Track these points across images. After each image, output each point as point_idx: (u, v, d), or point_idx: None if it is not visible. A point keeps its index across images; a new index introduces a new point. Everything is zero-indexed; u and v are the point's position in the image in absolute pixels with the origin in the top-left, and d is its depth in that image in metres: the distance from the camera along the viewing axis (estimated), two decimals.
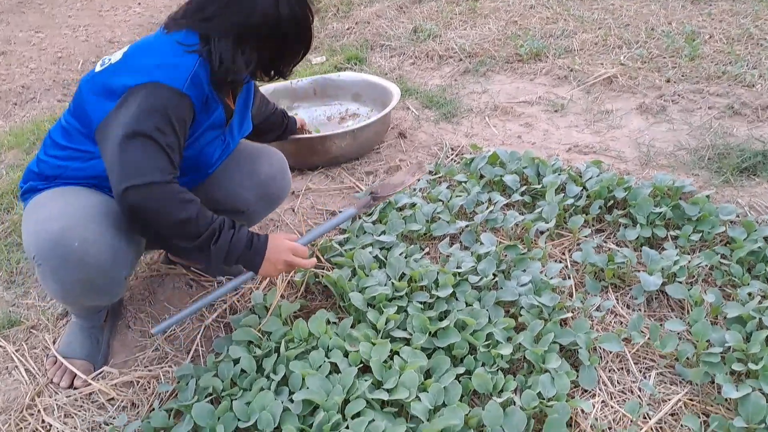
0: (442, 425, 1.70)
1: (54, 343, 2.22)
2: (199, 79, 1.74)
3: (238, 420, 1.80)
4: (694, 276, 2.34)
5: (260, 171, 2.19)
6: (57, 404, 2.00)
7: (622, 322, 2.22)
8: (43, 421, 1.95)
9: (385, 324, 2.08)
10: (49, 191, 1.83)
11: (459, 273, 2.31)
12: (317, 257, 2.48)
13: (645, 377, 2.01)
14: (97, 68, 1.83)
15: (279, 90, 3.58)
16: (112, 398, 2.01)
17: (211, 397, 1.91)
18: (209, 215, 1.72)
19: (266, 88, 3.54)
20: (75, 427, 1.93)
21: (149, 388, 2.05)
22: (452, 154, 3.26)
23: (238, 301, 2.37)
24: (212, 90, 1.82)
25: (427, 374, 1.96)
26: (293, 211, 2.89)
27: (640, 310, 2.26)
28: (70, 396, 2.02)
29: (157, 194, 1.61)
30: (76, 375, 2.06)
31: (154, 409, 1.95)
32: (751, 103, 3.42)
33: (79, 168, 1.84)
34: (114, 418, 1.96)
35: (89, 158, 1.83)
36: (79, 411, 1.98)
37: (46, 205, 1.77)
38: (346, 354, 1.99)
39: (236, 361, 2.00)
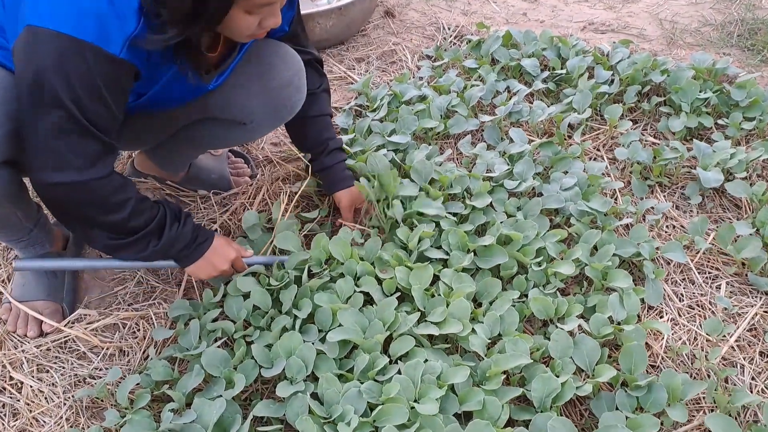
0: (509, 365, 1.43)
1: (6, 283, 1.81)
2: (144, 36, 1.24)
3: (260, 367, 1.48)
4: (749, 171, 2.07)
5: (274, 75, 1.66)
6: (26, 357, 1.62)
7: (674, 226, 1.96)
8: (11, 379, 1.58)
9: (418, 243, 1.75)
10: None
11: (492, 178, 1.99)
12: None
13: (712, 288, 1.78)
14: None
15: None
16: (95, 346, 1.65)
17: (220, 341, 1.58)
18: (146, 213, 1.43)
19: None
20: (53, 384, 1.57)
21: (139, 331, 1.69)
22: (451, 36, 2.85)
23: (230, 219, 1.99)
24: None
25: (474, 299, 1.68)
26: None
27: (692, 211, 2.01)
28: (40, 346, 1.65)
29: (79, 193, 1.30)
30: (43, 321, 1.68)
31: (149, 357, 1.60)
32: None
33: None
34: (100, 370, 1.61)
35: None
36: (55, 363, 1.62)
37: None
38: (379, 281, 1.67)
39: (246, 296, 1.66)
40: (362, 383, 1.39)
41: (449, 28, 2.90)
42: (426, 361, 1.45)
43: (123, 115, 1.35)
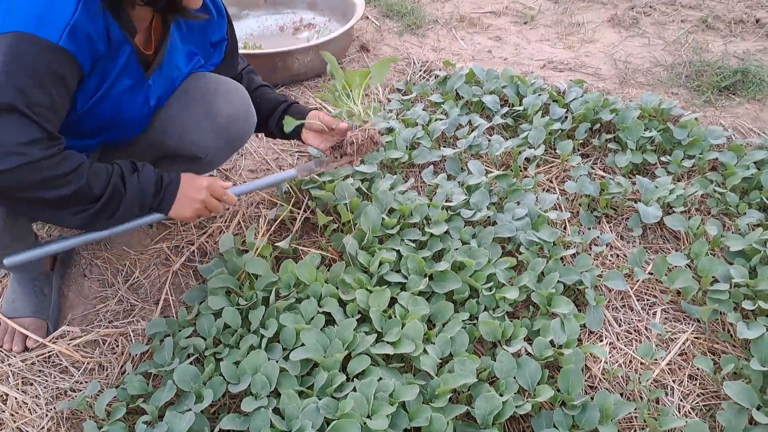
0: (457, 383, 1.57)
1: None
2: (83, 26, 1.33)
3: (228, 383, 1.62)
4: (687, 205, 2.25)
5: (219, 111, 1.77)
6: (11, 370, 1.75)
7: (618, 255, 2.12)
8: None
9: (378, 267, 1.90)
10: None
11: (450, 207, 2.14)
12: (293, 192, 2.25)
13: (649, 315, 1.94)
14: None
15: None
16: (77, 361, 1.78)
17: (192, 358, 1.71)
18: (102, 174, 1.44)
19: None
20: (37, 396, 1.70)
21: (118, 347, 1.82)
22: (421, 71, 3.02)
23: (207, 242, 2.13)
24: (114, 28, 1.43)
25: (428, 320, 1.82)
26: (256, 136, 2.61)
27: (635, 242, 2.17)
28: (25, 360, 1.77)
29: (31, 174, 1.30)
30: (28, 337, 1.80)
31: (126, 372, 1.73)
32: (724, 16, 3.31)
33: None
34: (80, 384, 1.73)
35: None
36: (39, 376, 1.74)
37: None
38: (341, 302, 1.81)
39: (218, 314, 1.79)
40: (320, 399, 1.52)
41: (419, 64, 3.06)
42: (380, 379, 1.57)
43: (68, 106, 1.40)
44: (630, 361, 1.80)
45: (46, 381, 1.73)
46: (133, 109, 1.65)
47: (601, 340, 1.85)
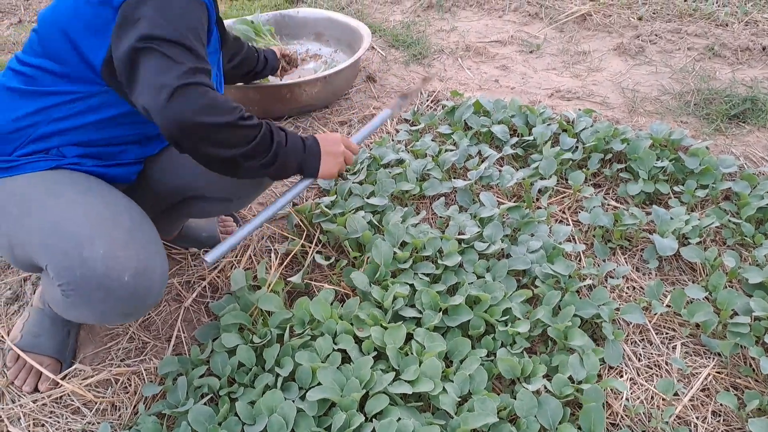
0: (477, 423, 1.54)
1: (7, 335, 1.90)
2: None
3: (243, 424, 1.58)
4: (702, 236, 2.23)
5: None
6: (23, 411, 1.71)
7: (635, 288, 2.10)
8: None
9: (393, 302, 1.88)
10: (36, 178, 1.47)
11: (463, 240, 2.12)
12: (303, 225, 2.23)
13: (668, 349, 1.91)
14: None
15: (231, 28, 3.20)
16: (89, 401, 1.74)
17: (206, 398, 1.68)
18: (252, 119, 1.44)
19: None
20: None
21: (130, 386, 1.79)
22: (428, 100, 3.02)
23: (218, 277, 2.10)
24: None
25: (445, 357, 1.79)
26: None
27: (651, 274, 2.15)
28: (37, 401, 1.74)
29: (201, 97, 1.30)
30: (41, 375, 1.77)
31: (138, 412, 1.70)
32: (730, 44, 3.31)
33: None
34: (92, 425, 1.70)
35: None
36: (51, 418, 1.71)
37: (53, 208, 1.41)
38: (356, 339, 1.79)
39: (231, 352, 1.77)
40: None
41: (426, 94, 3.06)
42: (399, 419, 1.55)
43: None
44: (651, 397, 1.77)
45: (58, 422, 1.70)
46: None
47: (621, 376, 1.82)
